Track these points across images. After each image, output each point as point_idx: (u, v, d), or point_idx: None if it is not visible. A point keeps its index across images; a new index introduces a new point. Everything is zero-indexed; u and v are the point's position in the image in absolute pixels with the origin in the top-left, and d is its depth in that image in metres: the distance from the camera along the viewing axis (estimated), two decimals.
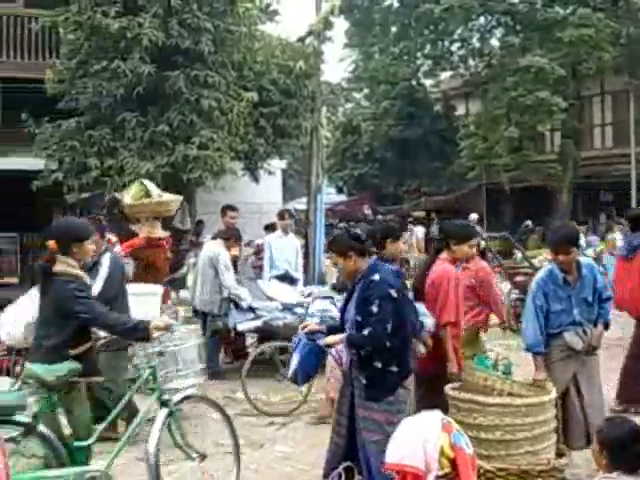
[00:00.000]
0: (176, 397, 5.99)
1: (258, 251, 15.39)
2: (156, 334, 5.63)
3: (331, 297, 9.95)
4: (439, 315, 6.57)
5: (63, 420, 5.63)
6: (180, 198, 11.99)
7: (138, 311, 8.76)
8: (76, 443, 5.54)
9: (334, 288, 8.92)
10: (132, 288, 8.81)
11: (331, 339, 5.70)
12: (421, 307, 6.53)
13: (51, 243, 5.81)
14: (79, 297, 5.64)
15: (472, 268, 7.71)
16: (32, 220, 20.04)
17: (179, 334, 6.17)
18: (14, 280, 19.99)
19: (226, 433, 6.44)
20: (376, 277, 5.52)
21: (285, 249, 12.42)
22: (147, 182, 11.69)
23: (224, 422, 6.42)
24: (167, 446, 5.96)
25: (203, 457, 6.07)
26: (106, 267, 7.61)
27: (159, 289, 9.79)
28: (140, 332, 5.62)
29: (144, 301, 8.88)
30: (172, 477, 6.42)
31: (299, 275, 12.50)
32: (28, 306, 7.40)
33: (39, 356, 5.61)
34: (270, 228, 16.16)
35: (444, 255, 6.83)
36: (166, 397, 5.90)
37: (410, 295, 6.32)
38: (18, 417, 5.17)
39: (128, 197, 11.23)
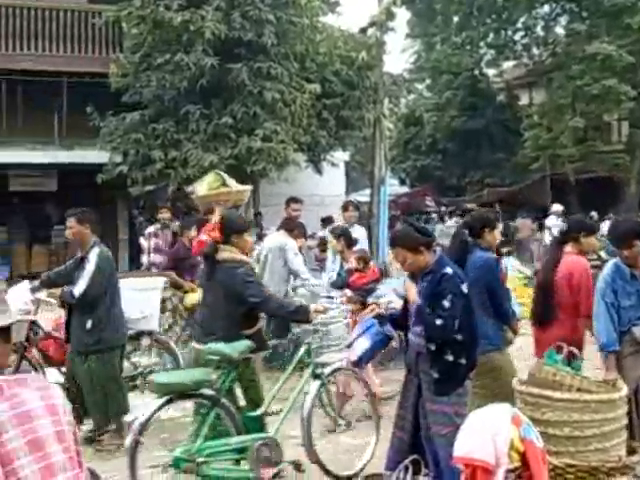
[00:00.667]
0: (327, 370, 6.59)
1: (321, 243, 15.35)
2: (316, 316, 6.31)
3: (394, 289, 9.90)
4: (583, 306, 6.64)
5: (239, 392, 6.19)
6: (251, 187, 12.04)
7: (139, 305, 8.99)
8: (250, 413, 6.14)
9: (333, 285, 8.83)
10: (133, 283, 8.91)
11: (412, 293, 5.55)
12: (512, 295, 6.64)
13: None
14: (248, 282, 6.27)
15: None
16: (97, 212, 20.28)
17: (330, 314, 6.77)
18: None
19: (368, 406, 7.07)
20: (448, 271, 5.41)
21: None
22: (219, 172, 11.74)
23: (367, 395, 7.01)
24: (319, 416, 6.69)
25: (348, 425, 6.87)
26: (93, 263, 7.48)
27: (160, 283, 9.94)
28: (302, 315, 6.31)
29: (145, 296, 9.16)
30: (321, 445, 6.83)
31: None
32: (17, 299, 7.76)
33: (215, 337, 6.15)
34: (327, 221, 16.07)
35: (569, 248, 6.87)
36: (319, 371, 6.48)
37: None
38: (205, 391, 5.78)
39: (203, 187, 11.23)
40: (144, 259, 13.24)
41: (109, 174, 17.17)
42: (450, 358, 5.35)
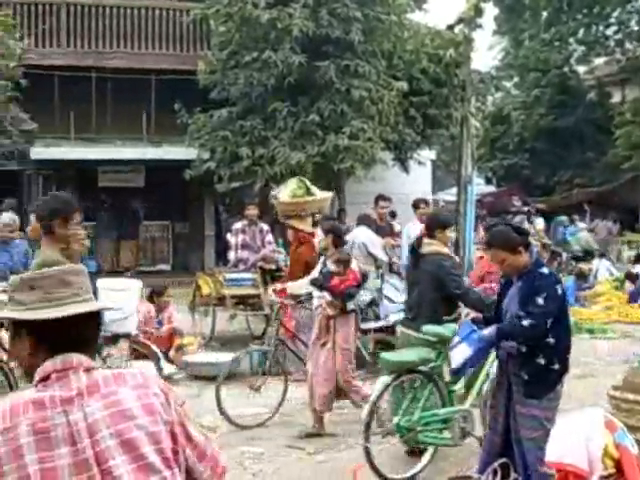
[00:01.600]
0: None
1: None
2: None
3: None
4: None
5: (445, 369, 6.46)
6: (332, 195, 11.95)
7: (114, 305, 8.85)
8: (451, 387, 6.60)
9: (312, 282, 8.64)
10: (108, 283, 8.80)
11: (486, 332, 5.52)
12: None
13: None
14: (453, 274, 6.89)
15: None
16: (184, 209, 20.52)
17: None
18: (166, 267, 20.50)
19: None
20: (545, 270, 5.39)
21: None
22: (303, 179, 11.66)
23: None
24: None
25: None
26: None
27: (135, 284, 9.76)
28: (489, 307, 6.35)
29: (119, 296, 8.85)
30: None
31: None
32: None
33: (421, 321, 6.77)
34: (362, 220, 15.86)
35: None
36: None
37: None
38: (422, 368, 6.46)
39: (286, 194, 11.15)
40: (231, 255, 13.26)
41: (197, 171, 17.27)
42: (542, 362, 5.26)
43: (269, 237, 12.78)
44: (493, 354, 6.21)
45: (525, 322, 5.19)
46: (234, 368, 9.07)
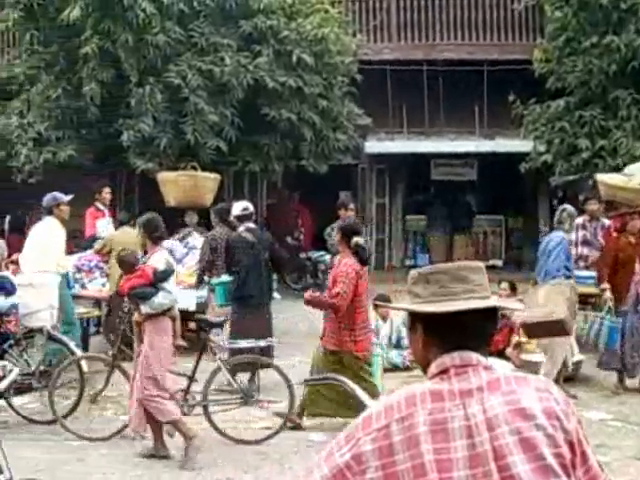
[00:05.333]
0: None
1: None
2: None
3: None
4: None
5: None
6: None
7: (29, 300, 8.84)
8: None
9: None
10: (27, 278, 8.51)
11: None
12: None
13: None
14: None
15: None
16: (518, 203, 20.09)
17: None
18: (498, 262, 20.21)
19: None
20: None
21: None
22: None
23: None
24: None
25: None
26: None
27: (53, 279, 9.56)
28: None
29: (36, 291, 8.97)
30: None
31: None
32: None
33: None
34: None
35: None
36: None
37: None
38: None
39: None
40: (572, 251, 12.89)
41: (533, 163, 16.76)
42: None
43: None
44: None
45: None
46: None
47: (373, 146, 19.22)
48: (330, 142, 16.70)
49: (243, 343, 8.84)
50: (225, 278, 10.56)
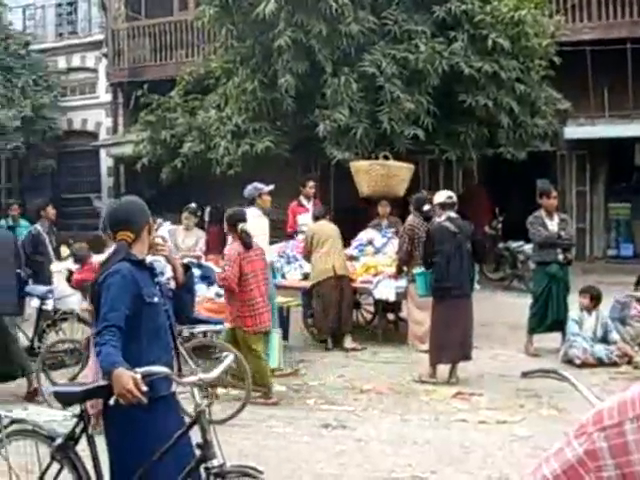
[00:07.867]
0: None
1: None
2: None
3: None
4: None
5: None
6: None
7: None
8: None
9: None
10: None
11: None
12: None
13: None
14: None
15: None
16: None
17: None
18: None
19: None
20: None
21: None
22: None
23: None
24: None
25: None
26: None
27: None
28: None
29: None
30: None
31: None
32: None
33: None
34: None
35: None
36: None
37: None
38: None
39: None
40: None
41: None
42: None
43: None
44: None
45: None
46: None
47: (573, 132, 18.44)
48: (528, 128, 16.15)
49: None
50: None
